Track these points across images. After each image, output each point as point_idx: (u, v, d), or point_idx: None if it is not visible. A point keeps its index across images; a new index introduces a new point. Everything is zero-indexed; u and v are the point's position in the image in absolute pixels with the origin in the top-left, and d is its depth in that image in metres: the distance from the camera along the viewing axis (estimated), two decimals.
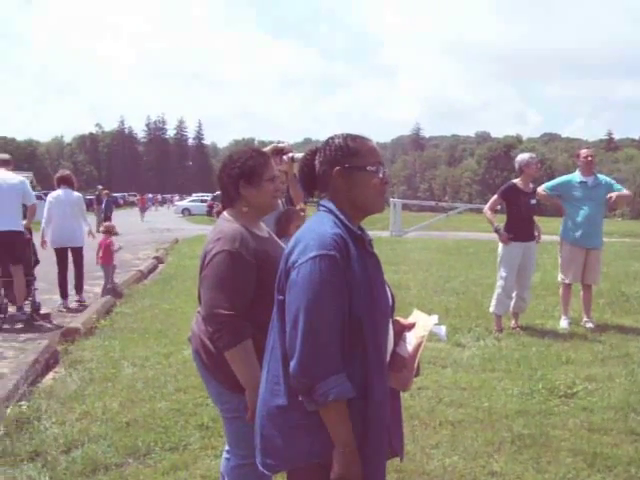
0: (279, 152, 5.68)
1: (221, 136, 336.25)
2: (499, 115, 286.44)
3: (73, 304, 10.46)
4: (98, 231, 13.89)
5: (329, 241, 2.15)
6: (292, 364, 2.10)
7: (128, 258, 15.51)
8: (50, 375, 6.43)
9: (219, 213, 3.20)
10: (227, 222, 3.01)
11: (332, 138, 2.38)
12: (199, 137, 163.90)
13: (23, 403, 5.32)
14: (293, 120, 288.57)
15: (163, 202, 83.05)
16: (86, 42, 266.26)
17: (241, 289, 2.82)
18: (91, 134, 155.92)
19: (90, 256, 11.18)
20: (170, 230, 30.52)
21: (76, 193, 10.66)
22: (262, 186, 3.01)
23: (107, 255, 11.28)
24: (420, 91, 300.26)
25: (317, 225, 2.25)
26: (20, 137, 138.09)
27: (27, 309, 9.38)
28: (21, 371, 5.98)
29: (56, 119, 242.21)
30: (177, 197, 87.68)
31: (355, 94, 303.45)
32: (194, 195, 70.19)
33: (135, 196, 71.70)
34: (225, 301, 2.77)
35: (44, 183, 52.12)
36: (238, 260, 2.82)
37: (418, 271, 14.05)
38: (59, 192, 10.41)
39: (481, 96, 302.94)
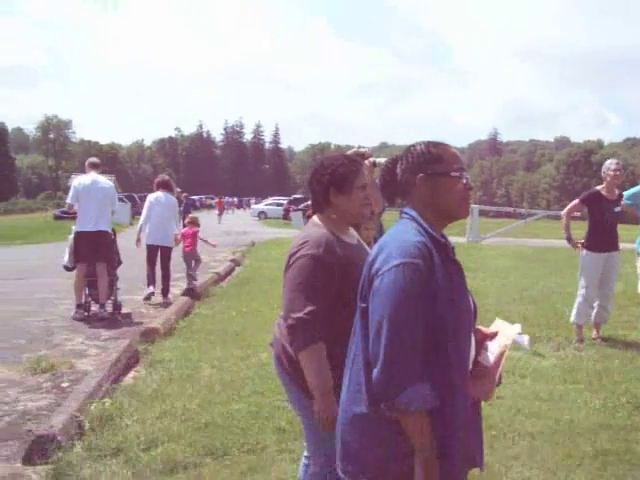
0: (360, 157, 5.68)
1: (297, 140, 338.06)
2: (579, 119, 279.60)
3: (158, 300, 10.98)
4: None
5: (413, 249, 2.13)
6: (375, 372, 2.09)
7: (206, 260, 15.67)
8: (131, 374, 6.60)
9: (309, 217, 3.19)
10: (315, 227, 3.00)
11: (414, 145, 2.38)
12: (276, 141, 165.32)
13: (106, 400, 5.46)
14: (368, 124, 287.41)
15: (240, 205, 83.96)
16: (166, 48, 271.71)
17: (320, 294, 2.78)
18: (170, 138, 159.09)
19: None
20: (246, 233, 30.85)
21: (173, 197, 11.48)
22: (352, 194, 2.95)
23: (193, 243, 12.04)
24: (497, 95, 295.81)
25: (400, 233, 2.24)
26: (103, 141, 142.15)
27: (109, 308, 9.77)
28: (104, 369, 6.14)
29: (137, 123, 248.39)
30: (253, 200, 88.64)
31: (430, 98, 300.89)
32: (270, 198, 70.91)
33: (212, 199, 72.83)
34: (302, 304, 2.76)
35: (125, 185, 53.36)
36: (320, 265, 2.80)
37: (495, 278, 13.86)
38: (159, 194, 11.10)
39: (560, 100, 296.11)
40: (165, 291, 11.14)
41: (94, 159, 10.16)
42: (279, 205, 56.17)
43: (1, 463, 4.51)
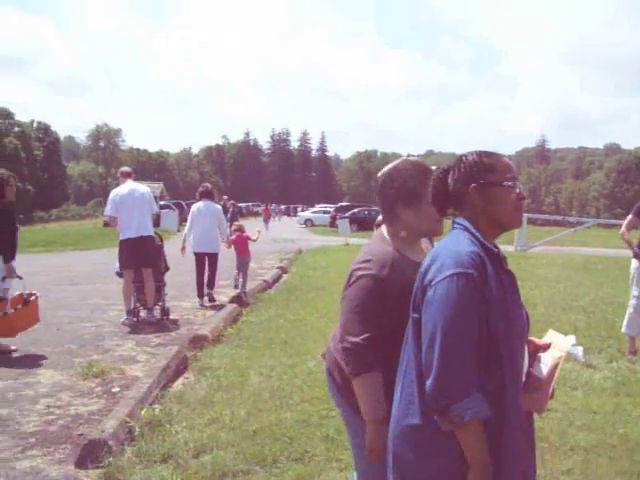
0: None
1: (344, 147, 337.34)
2: (629, 126, 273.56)
3: (206, 302, 11.54)
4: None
5: (466, 259, 2.12)
6: (428, 383, 2.08)
7: (253, 267, 15.77)
8: (180, 380, 6.66)
9: (378, 226, 3.03)
10: (381, 242, 2.81)
11: (465, 155, 2.36)
12: (322, 149, 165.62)
13: (156, 406, 5.53)
14: (415, 131, 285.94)
15: (287, 213, 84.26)
16: (213, 57, 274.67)
17: (379, 318, 2.61)
18: (217, 145, 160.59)
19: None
20: (293, 241, 30.95)
21: (217, 205, 11.99)
22: (422, 209, 2.71)
23: (244, 247, 12.62)
24: (544, 102, 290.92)
25: (453, 243, 2.22)
26: (152, 148, 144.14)
27: (157, 313, 10.03)
28: (153, 375, 6.21)
29: (185, 131, 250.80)
30: (300, 208, 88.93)
31: (477, 105, 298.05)
32: (317, 206, 71.08)
33: (259, 206, 73.33)
34: (359, 328, 2.61)
35: (173, 192, 53.98)
36: (382, 287, 2.62)
37: (544, 287, 13.67)
38: (201, 204, 11.66)
39: (610, 106, 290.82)
40: (211, 285, 11.77)
41: (126, 168, 10.43)
42: (326, 213, 56.22)
43: (55, 466, 4.59)
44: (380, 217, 5.54)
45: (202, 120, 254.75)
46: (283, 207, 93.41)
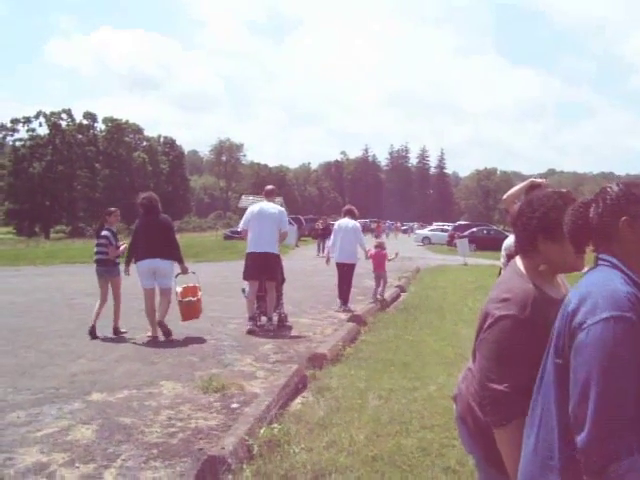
0: (537, 188, 5.37)
1: (462, 165, 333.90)
2: None
3: (341, 311, 12.82)
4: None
5: (623, 301, 1.91)
6: (581, 438, 1.86)
7: (369, 285, 15.72)
8: (298, 399, 6.60)
9: (511, 257, 2.80)
10: (518, 277, 2.57)
11: (609, 186, 2.15)
12: (441, 166, 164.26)
13: (275, 426, 5.47)
14: (536, 149, 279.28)
15: (405, 230, 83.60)
16: (333, 74, 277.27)
17: (523, 364, 2.38)
18: (336, 161, 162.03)
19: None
20: (411, 259, 30.70)
21: (356, 223, 13.63)
22: (565, 243, 2.39)
23: (381, 264, 14.30)
24: None
25: (605, 281, 2.00)
26: (272, 163, 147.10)
27: (275, 320, 10.90)
28: (273, 393, 6.18)
29: (304, 147, 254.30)
30: (416, 225, 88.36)
31: (603, 123, 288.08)
32: (435, 224, 70.44)
33: (376, 222, 73.42)
34: (501, 375, 2.41)
35: (292, 207, 54.72)
36: (525, 330, 2.39)
37: None
38: (343, 220, 13.60)
39: None
40: (345, 300, 13.21)
41: (269, 187, 11.52)
42: (444, 231, 55.64)
43: (176, 479, 4.62)
44: (506, 242, 5.31)
45: (321, 136, 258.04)
46: (400, 224, 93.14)
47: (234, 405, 6.36)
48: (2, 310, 12.53)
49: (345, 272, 13.26)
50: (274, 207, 10.85)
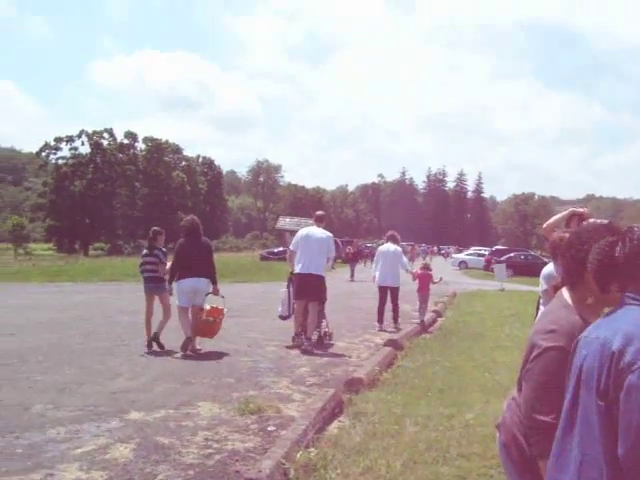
0: (577, 217, 5.32)
1: (500, 189, 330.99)
2: None
3: (386, 328, 13.46)
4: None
5: None
6: None
7: (406, 309, 15.68)
8: (335, 424, 6.59)
9: (557, 288, 2.80)
10: (565, 309, 2.59)
11: (636, 226, 2.14)
12: (478, 190, 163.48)
13: (311, 450, 5.47)
14: (573, 175, 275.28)
15: (448, 254, 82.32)
16: (371, 97, 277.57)
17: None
18: (373, 184, 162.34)
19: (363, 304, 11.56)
20: (447, 283, 30.48)
21: (398, 247, 14.30)
22: None
23: (425, 285, 14.76)
24: None
25: None
26: (309, 185, 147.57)
27: (315, 338, 11.31)
28: (309, 417, 6.18)
29: (341, 169, 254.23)
30: (452, 249, 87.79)
31: None
32: (471, 248, 69.91)
33: (411, 246, 73.19)
34: (548, 406, 2.41)
35: (328, 229, 54.49)
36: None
37: None
38: (386, 245, 14.31)
39: None
40: (395, 318, 13.87)
41: (319, 213, 12.15)
42: (480, 255, 55.20)
43: None
44: (546, 270, 5.24)
45: (359, 158, 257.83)
46: (436, 248, 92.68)
47: (271, 428, 6.36)
48: (43, 326, 12.71)
49: (389, 295, 13.85)
50: (322, 232, 11.42)
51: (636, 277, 2.09)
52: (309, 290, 11.04)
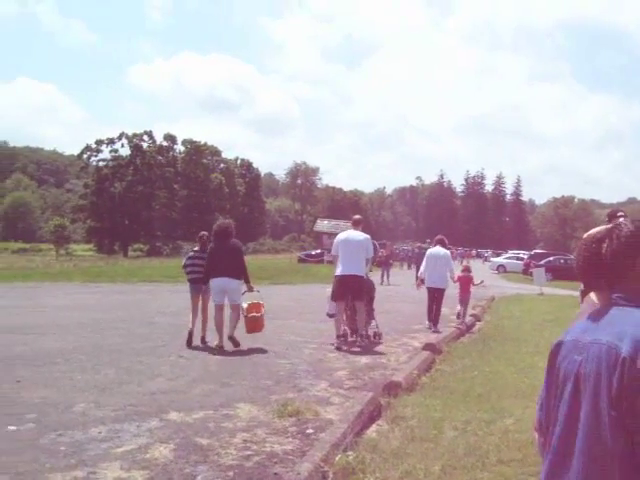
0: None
1: (539, 192, 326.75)
2: None
3: (432, 327, 14.13)
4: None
5: None
6: None
7: (445, 313, 15.58)
8: (373, 427, 6.56)
9: (585, 293, 2.70)
10: None
11: (624, 223, 2.09)
12: (517, 193, 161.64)
13: (350, 453, 5.46)
14: (614, 177, 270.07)
15: (486, 258, 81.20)
16: (406, 99, 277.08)
17: None
18: (411, 186, 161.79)
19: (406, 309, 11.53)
20: (485, 287, 30.23)
21: (447, 251, 14.96)
22: None
23: (466, 287, 15.74)
24: None
25: None
26: (346, 187, 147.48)
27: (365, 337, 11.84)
28: (348, 420, 6.18)
29: (378, 171, 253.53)
30: (490, 252, 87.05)
31: None
32: (510, 252, 69.28)
33: (449, 249, 72.77)
34: None
35: (366, 232, 54.41)
36: None
37: None
38: (435, 249, 14.78)
39: None
40: (435, 322, 14.33)
41: (356, 217, 12.68)
42: (519, 259, 54.70)
43: None
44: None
45: (396, 161, 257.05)
46: (474, 251, 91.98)
47: (309, 430, 6.37)
48: (84, 326, 12.90)
49: (436, 296, 14.35)
50: (360, 234, 11.85)
51: (623, 276, 2.04)
52: (350, 291, 11.46)
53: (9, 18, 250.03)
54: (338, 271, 11.53)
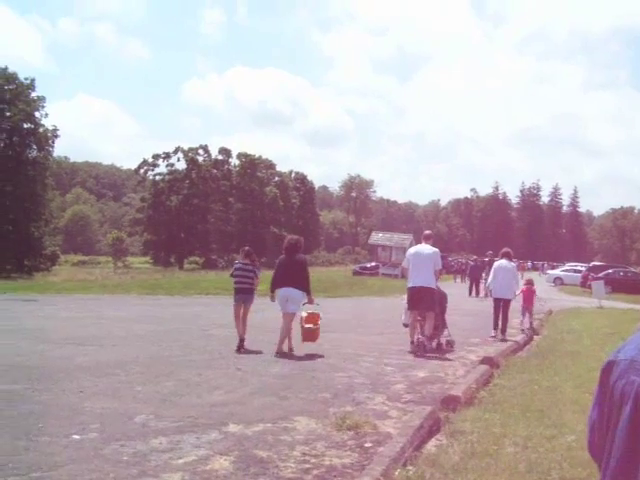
0: None
1: (597, 204, 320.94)
2: None
3: (499, 335, 14.82)
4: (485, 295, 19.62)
5: None
6: None
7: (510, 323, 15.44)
8: (432, 442, 6.52)
9: None
10: None
11: None
12: (574, 204, 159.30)
13: (409, 468, 5.43)
14: None
15: (542, 270, 79.85)
16: (460, 111, 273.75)
17: None
18: (466, 198, 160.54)
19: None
20: (542, 300, 29.77)
21: (514, 265, 15.85)
22: None
23: (529, 299, 17.19)
24: None
25: None
26: (400, 200, 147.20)
27: (434, 344, 12.65)
28: (407, 435, 6.14)
29: (432, 183, 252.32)
30: (546, 265, 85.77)
31: None
32: (567, 264, 68.11)
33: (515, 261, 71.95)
34: None
35: (435, 246, 54.26)
36: None
37: None
38: (502, 261, 15.37)
39: None
40: (503, 331, 14.97)
41: (427, 232, 13.71)
42: (577, 272, 53.66)
43: None
44: None
45: (450, 172, 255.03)
46: (529, 263, 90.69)
47: (367, 444, 6.35)
48: (143, 338, 13.09)
49: (502, 306, 14.99)
50: (429, 248, 12.73)
51: None
52: (421, 302, 12.26)
53: (70, 38, 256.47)
54: (410, 283, 12.48)
